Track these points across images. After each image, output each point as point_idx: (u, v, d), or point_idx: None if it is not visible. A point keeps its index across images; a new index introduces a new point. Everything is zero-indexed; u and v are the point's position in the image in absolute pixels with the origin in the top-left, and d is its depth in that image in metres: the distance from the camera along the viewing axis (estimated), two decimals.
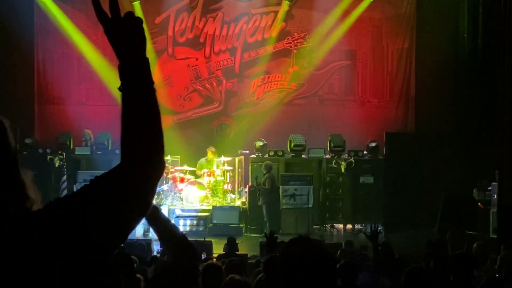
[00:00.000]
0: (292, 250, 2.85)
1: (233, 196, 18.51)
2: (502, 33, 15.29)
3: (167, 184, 18.09)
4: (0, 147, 2.02)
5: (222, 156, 18.47)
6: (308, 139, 18.88)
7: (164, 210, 17.59)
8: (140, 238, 14.86)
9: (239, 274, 6.64)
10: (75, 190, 2.04)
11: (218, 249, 13.43)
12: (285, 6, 20.38)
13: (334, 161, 18.32)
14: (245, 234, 17.37)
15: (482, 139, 17.30)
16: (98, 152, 18.73)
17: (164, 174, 18.12)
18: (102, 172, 2.00)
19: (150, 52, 20.81)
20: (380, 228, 7.79)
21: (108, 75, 19.75)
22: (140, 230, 16.67)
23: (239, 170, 19.07)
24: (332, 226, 18.63)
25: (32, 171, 2.08)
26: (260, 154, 18.65)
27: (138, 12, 20.11)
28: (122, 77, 2.01)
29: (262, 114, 20.66)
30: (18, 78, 19.84)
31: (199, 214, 17.71)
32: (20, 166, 2.04)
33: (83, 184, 1.98)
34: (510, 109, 14.72)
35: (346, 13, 20.26)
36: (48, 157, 18.21)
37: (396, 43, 20.46)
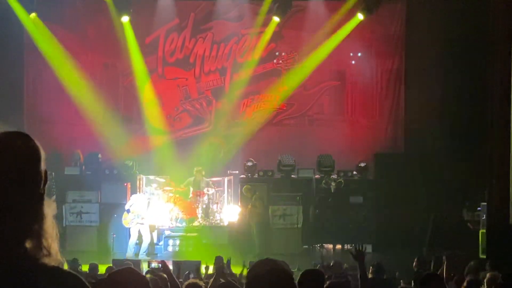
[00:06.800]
0: (256, 271, 2.94)
1: (222, 216, 18.48)
2: (490, 53, 15.37)
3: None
4: (30, 177, 2.02)
5: (212, 176, 18.46)
6: (298, 159, 18.88)
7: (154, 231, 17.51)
8: (130, 258, 14.79)
9: None
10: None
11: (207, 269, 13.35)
12: (273, 25, 20.30)
13: (323, 181, 18.31)
14: (234, 254, 17.25)
15: (471, 159, 17.34)
16: (87, 172, 18.67)
17: (156, 196, 18.01)
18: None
19: (141, 72, 20.80)
20: (365, 248, 7.80)
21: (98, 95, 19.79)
22: (130, 252, 16.59)
23: (229, 190, 19.04)
24: (322, 246, 18.60)
25: None
26: (249, 174, 18.63)
27: (128, 31, 20.11)
28: None
29: (251, 134, 20.66)
30: (7, 96, 19.74)
31: (188, 234, 17.67)
32: (45, 198, 2.04)
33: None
34: (499, 131, 14.76)
35: (336, 33, 20.30)
36: None
37: (385, 64, 20.51)
